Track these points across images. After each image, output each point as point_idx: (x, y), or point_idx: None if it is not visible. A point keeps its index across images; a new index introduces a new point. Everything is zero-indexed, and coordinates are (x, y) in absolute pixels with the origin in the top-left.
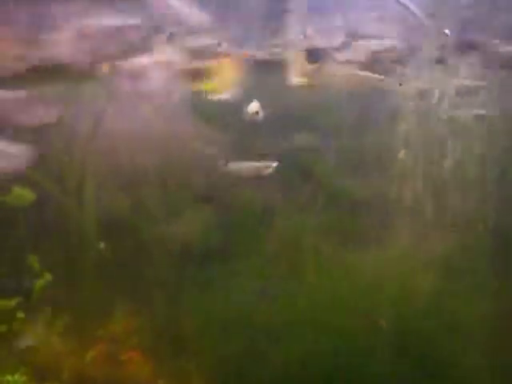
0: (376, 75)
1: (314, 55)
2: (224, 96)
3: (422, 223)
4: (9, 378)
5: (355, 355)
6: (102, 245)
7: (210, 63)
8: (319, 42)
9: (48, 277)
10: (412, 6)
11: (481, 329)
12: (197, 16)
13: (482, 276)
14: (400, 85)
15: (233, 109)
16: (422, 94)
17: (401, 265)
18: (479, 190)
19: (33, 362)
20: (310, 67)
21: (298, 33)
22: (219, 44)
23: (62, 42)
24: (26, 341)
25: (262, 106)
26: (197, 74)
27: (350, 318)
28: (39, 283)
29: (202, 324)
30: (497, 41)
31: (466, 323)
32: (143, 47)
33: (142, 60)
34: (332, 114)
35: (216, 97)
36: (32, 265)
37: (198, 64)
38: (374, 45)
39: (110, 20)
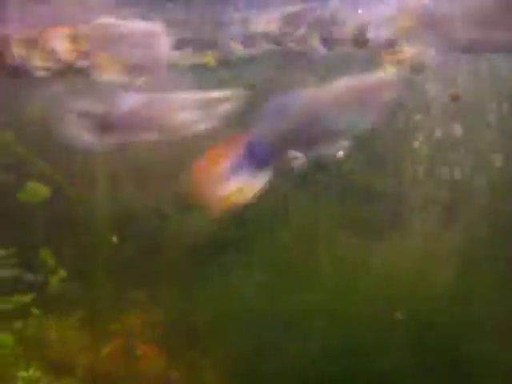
0: None
1: None
2: None
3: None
4: (23, 373)
5: (370, 347)
6: (114, 239)
7: None
8: None
9: (62, 273)
10: None
11: (497, 323)
12: None
13: (500, 268)
14: None
15: None
16: None
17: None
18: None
19: (47, 357)
20: None
21: None
22: None
23: None
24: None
25: None
26: None
27: (365, 309)
28: (54, 279)
29: (215, 317)
30: None
31: (483, 316)
32: None
33: None
34: None
35: None
36: (46, 260)
37: None
38: None
39: None
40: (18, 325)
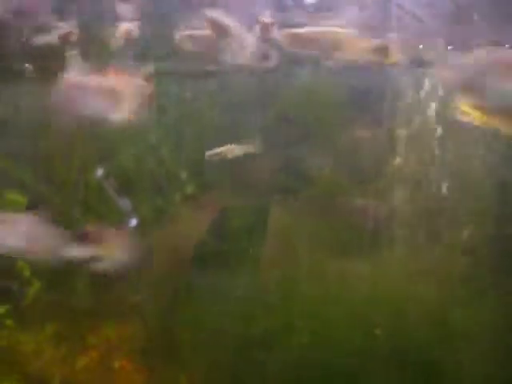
0: None
1: None
2: None
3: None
4: None
5: (350, 364)
6: None
7: None
8: None
9: (37, 284)
10: None
11: (480, 338)
12: None
13: (483, 284)
14: None
15: None
16: None
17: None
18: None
19: (22, 369)
20: None
21: None
22: None
23: None
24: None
25: None
26: None
27: (345, 326)
28: (29, 290)
29: (194, 332)
30: None
31: (465, 332)
32: None
33: None
34: None
35: None
36: (21, 272)
37: None
38: None
39: None
40: None
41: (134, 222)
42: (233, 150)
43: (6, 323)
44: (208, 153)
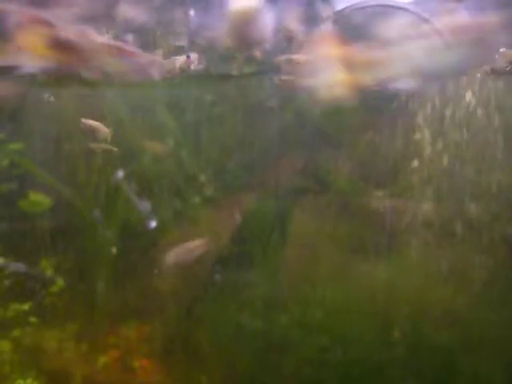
0: None
1: None
2: None
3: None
4: (21, 382)
5: (368, 365)
6: (114, 250)
7: None
8: None
9: (60, 282)
10: None
11: (495, 342)
12: None
13: (498, 287)
14: None
15: None
16: None
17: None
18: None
19: (44, 366)
20: None
21: None
22: None
23: None
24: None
25: None
26: None
27: (362, 327)
28: (52, 289)
29: (213, 333)
30: None
31: (481, 335)
32: None
33: None
34: None
35: None
36: (45, 270)
37: None
38: None
39: None
40: (16, 333)
41: (153, 224)
42: None
43: (30, 320)
44: None
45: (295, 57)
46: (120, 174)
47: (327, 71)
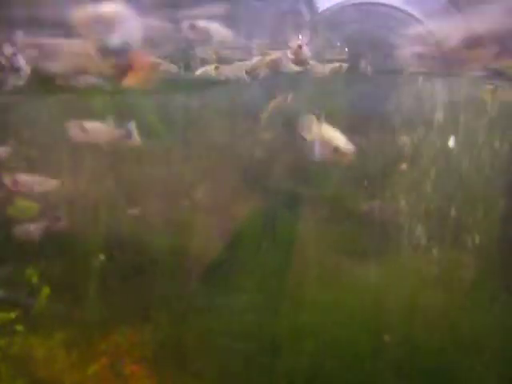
0: None
1: None
2: None
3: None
4: None
5: (359, 369)
6: (102, 257)
7: None
8: None
9: (47, 290)
10: None
11: (487, 343)
12: None
13: (489, 290)
14: None
15: None
16: None
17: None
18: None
19: (33, 375)
20: None
21: None
22: None
23: None
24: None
25: None
26: None
27: (354, 331)
28: (39, 296)
29: (204, 338)
30: None
31: (473, 338)
32: None
33: None
34: None
35: None
36: (31, 278)
37: None
38: None
39: None
40: (3, 342)
41: None
42: None
43: (17, 329)
44: None
45: None
46: None
47: None
